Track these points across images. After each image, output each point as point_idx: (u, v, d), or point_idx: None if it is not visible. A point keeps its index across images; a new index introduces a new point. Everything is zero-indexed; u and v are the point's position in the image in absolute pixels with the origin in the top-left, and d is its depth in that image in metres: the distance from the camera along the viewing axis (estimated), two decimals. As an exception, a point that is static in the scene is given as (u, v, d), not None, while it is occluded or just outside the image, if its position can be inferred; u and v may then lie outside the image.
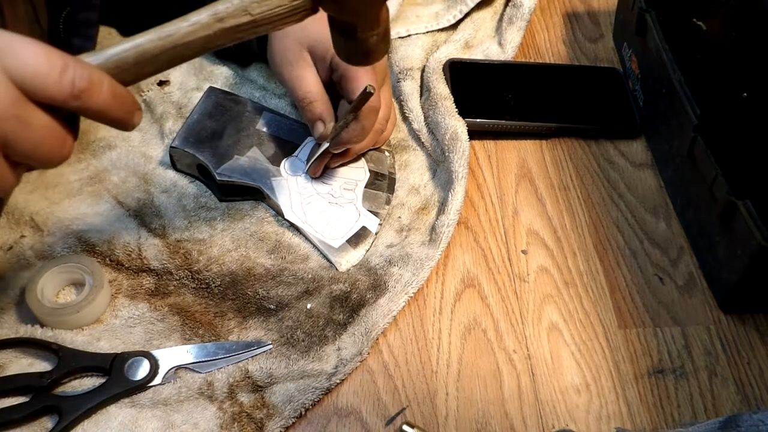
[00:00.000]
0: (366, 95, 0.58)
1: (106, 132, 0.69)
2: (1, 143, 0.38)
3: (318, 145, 0.65)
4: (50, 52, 0.39)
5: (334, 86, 0.65)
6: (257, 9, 0.44)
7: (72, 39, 0.63)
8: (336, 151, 0.64)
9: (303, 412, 0.54)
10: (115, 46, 0.42)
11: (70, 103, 0.39)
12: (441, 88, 0.72)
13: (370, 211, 0.66)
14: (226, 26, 0.44)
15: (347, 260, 0.62)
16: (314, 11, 0.47)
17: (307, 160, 0.66)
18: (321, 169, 0.66)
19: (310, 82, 0.63)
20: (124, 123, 0.42)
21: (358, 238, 0.64)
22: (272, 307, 0.59)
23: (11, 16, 0.55)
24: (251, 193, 0.65)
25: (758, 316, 0.62)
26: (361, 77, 0.60)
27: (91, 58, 0.41)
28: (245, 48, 0.72)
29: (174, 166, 0.67)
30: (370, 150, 0.69)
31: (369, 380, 0.57)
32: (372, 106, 0.60)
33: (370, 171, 0.68)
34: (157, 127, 0.70)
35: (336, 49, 0.52)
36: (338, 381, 0.56)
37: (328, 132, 0.62)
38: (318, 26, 0.64)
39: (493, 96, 0.75)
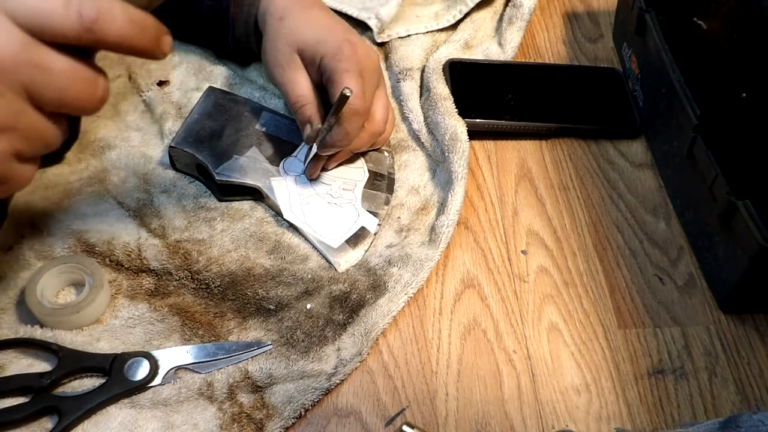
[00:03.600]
0: (343, 98, 0.58)
1: (105, 132, 0.69)
2: (26, 93, 0.36)
3: (311, 147, 0.65)
4: None
5: None
6: None
7: None
8: (324, 154, 0.64)
9: (303, 413, 0.54)
10: None
11: (83, 37, 0.37)
12: (441, 89, 0.72)
13: (369, 212, 0.66)
14: None
15: (346, 260, 0.62)
16: None
17: (304, 161, 0.66)
18: (318, 171, 0.66)
19: (301, 86, 0.63)
20: (152, 51, 0.40)
21: (357, 238, 0.64)
22: (272, 307, 0.59)
23: None
24: (250, 193, 0.65)
25: (758, 316, 0.62)
26: (344, 81, 0.60)
27: None
28: (245, 48, 0.72)
29: (173, 165, 0.67)
30: (369, 150, 0.69)
31: (369, 381, 0.57)
32: (353, 110, 0.60)
33: (369, 171, 0.68)
34: (157, 127, 0.70)
35: None
36: (338, 381, 0.56)
37: (314, 134, 0.63)
38: (307, 29, 0.64)
39: (492, 96, 0.75)
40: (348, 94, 0.58)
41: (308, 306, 0.59)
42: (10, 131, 0.37)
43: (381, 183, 0.68)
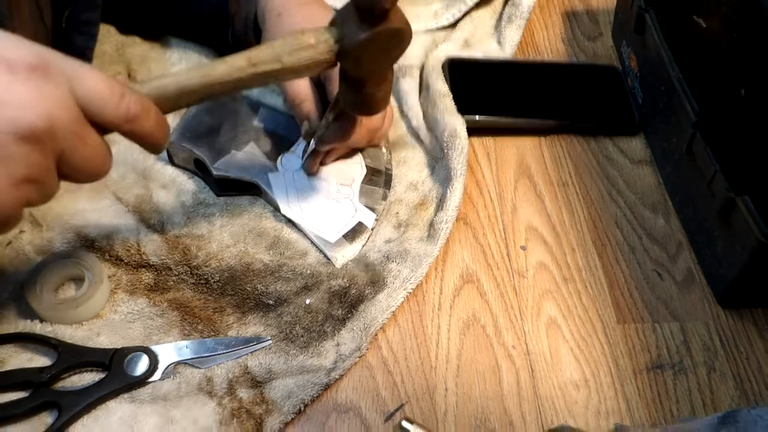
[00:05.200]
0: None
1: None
2: (59, 155, 0.41)
3: (308, 143, 0.65)
4: (112, 80, 0.43)
5: None
6: (288, 59, 0.49)
7: (74, 37, 0.64)
8: (322, 149, 0.65)
9: (302, 408, 0.54)
10: (159, 79, 0.47)
11: (123, 126, 0.43)
12: (440, 86, 0.72)
13: (367, 207, 0.66)
14: (258, 71, 0.49)
15: (343, 255, 0.62)
16: (334, 65, 0.52)
17: (302, 157, 0.67)
18: (316, 166, 0.66)
19: (299, 83, 0.64)
20: (158, 147, 0.47)
21: (354, 233, 0.64)
22: (271, 302, 0.59)
23: (17, 17, 0.56)
24: (248, 188, 0.65)
25: (756, 311, 0.62)
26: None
27: (138, 87, 0.45)
28: (244, 45, 0.72)
29: (171, 161, 0.67)
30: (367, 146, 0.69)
31: (368, 376, 0.57)
32: None
33: (366, 167, 0.68)
34: (157, 124, 0.70)
35: (343, 99, 0.57)
36: (337, 376, 0.56)
37: (312, 130, 0.63)
38: (306, 25, 0.64)
39: (492, 94, 0.75)
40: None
41: (307, 301, 0.59)
42: (35, 184, 0.41)
43: (378, 179, 0.68)
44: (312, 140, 0.64)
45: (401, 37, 0.52)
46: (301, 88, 0.64)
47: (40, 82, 0.39)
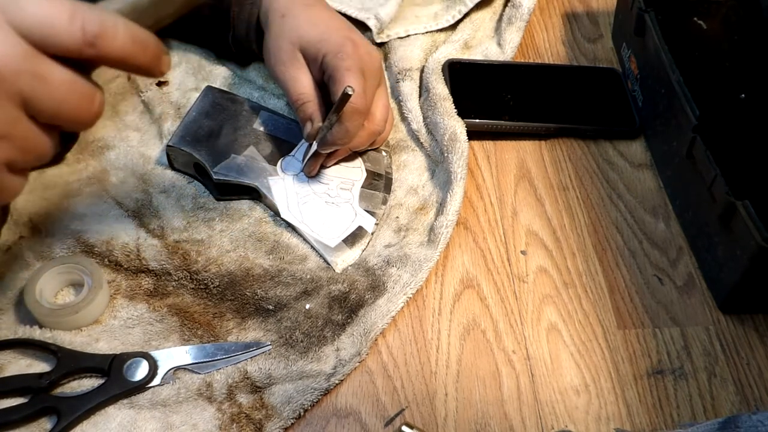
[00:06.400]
0: (345, 97, 0.58)
1: (104, 132, 0.69)
2: (22, 102, 0.37)
3: (310, 145, 0.65)
4: (57, 0, 0.37)
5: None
6: None
7: None
8: (324, 152, 0.65)
9: (302, 413, 0.54)
10: None
11: (85, 51, 0.37)
12: (440, 89, 0.72)
13: (367, 211, 0.66)
14: None
15: (343, 259, 0.62)
16: None
17: (303, 160, 0.66)
18: (316, 169, 0.66)
19: (303, 83, 0.64)
20: (151, 69, 0.40)
21: (354, 237, 0.64)
22: (271, 307, 0.59)
23: None
24: (248, 192, 0.65)
25: (757, 316, 0.62)
26: (346, 79, 0.60)
27: (104, 4, 0.40)
28: (245, 48, 0.72)
29: (171, 164, 0.67)
30: (367, 149, 0.69)
31: (368, 381, 0.57)
32: (354, 108, 0.60)
33: (366, 171, 0.68)
34: (156, 128, 0.70)
35: None
36: (337, 382, 0.56)
37: (315, 132, 0.63)
38: (310, 27, 0.64)
39: (492, 96, 0.75)
40: (350, 93, 0.58)
41: (307, 306, 0.59)
42: (4, 140, 0.37)
43: (378, 182, 0.68)
44: (314, 142, 0.64)
45: None
46: (304, 88, 0.64)
47: None
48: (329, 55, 0.62)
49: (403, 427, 0.53)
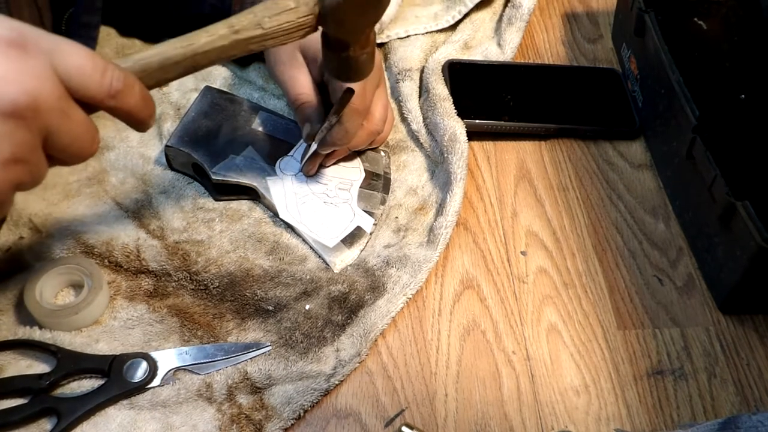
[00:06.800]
0: (345, 97, 0.59)
1: (104, 133, 0.68)
2: (45, 134, 0.40)
3: (309, 145, 0.65)
4: (94, 55, 0.42)
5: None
6: (268, 23, 0.49)
7: (74, 40, 0.63)
8: (324, 152, 0.65)
9: (302, 414, 0.54)
10: (141, 53, 0.46)
11: (106, 102, 0.42)
12: (440, 89, 0.72)
13: (365, 211, 0.66)
14: (240, 38, 0.49)
15: (342, 260, 0.62)
16: (315, 29, 0.52)
17: (302, 160, 0.66)
18: (315, 168, 0.66)
19: (302, 84, 0.64)
20: (144, 124, 0.46)
21: (352, 237, 0.64)
22: (271, 308, 0.59)
23: (17, 19, 0.55)
24: (246, 192, 0.65)
25: (757, 317, 0.62)
26: None
27: (121, 63, 0.45)
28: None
29: (170, 165, 0.67)
30: (366, 150, 0.69)
31: (368, 381, 0.57)
32: (354, 109, 0.60)
33: (365, 171, 0.68)
34: (156, 128, 0.70)
35: (327, 65, 0.57)
36: (337, 382, 0.56)
37: (314, 133, 0.63)
38: None
39: (492, 97, 0.75)
40: (350, 93, 0.58)
41: (307, 307, 0.59)
42: (21, 164, 0.40)
43: (377, 183, 0.68)
44: (313, 142, 0.64)
45: None
46: (304, 88, 0.64)
47: (20, 56, 0.39)
48: None
49: (403, 428, 0.53)
